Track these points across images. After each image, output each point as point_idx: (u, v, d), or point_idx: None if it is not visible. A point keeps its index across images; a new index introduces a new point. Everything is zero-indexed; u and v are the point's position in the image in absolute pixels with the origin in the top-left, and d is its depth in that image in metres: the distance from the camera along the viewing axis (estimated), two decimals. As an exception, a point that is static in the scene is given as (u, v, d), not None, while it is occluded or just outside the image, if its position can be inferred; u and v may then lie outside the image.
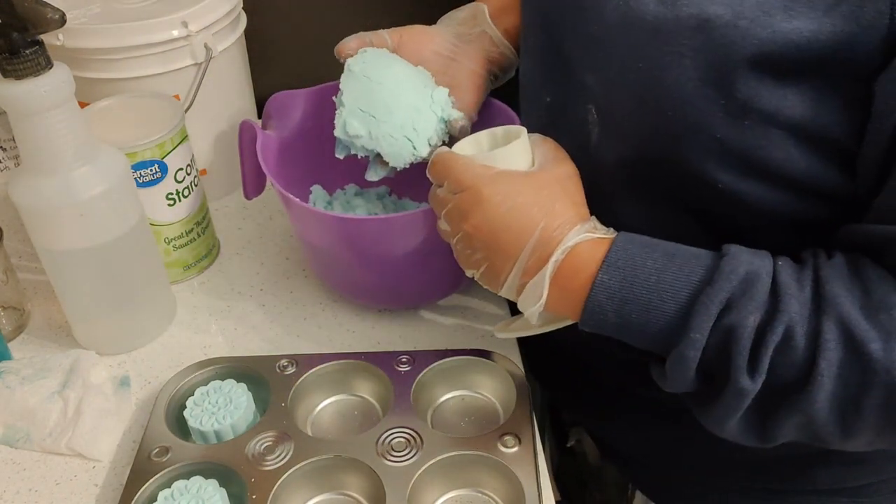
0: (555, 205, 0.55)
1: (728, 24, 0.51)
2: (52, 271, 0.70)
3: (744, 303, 0.50)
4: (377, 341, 0.75)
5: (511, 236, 0.55)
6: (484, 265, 0.58)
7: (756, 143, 0.53)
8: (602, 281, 0.53)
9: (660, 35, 0.54)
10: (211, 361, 0.69)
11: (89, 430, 0.66)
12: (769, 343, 0.49)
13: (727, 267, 0.51)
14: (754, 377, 0.50)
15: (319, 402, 0.69)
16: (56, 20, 0.59)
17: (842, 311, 0.49)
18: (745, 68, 0.51)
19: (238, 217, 0.91)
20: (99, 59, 0.81)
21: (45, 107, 0.61)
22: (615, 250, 0.53)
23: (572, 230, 0.55)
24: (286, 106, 0.79)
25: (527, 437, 0.62)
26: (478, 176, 0.57)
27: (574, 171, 0.59)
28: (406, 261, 0.72)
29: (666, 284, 0.52)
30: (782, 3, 0.50)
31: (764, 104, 0.52)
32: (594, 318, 0.54)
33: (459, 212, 0.57)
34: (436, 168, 0.60)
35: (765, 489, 0.71)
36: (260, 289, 0.82)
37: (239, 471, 0.60)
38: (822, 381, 0.48)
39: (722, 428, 0.54)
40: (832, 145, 0.53)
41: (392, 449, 0.61)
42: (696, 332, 0.50)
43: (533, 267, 0.55)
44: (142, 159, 0.74)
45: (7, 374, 0.69)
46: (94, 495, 0.63)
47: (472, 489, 0.62)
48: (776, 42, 0.50)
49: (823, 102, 0.52)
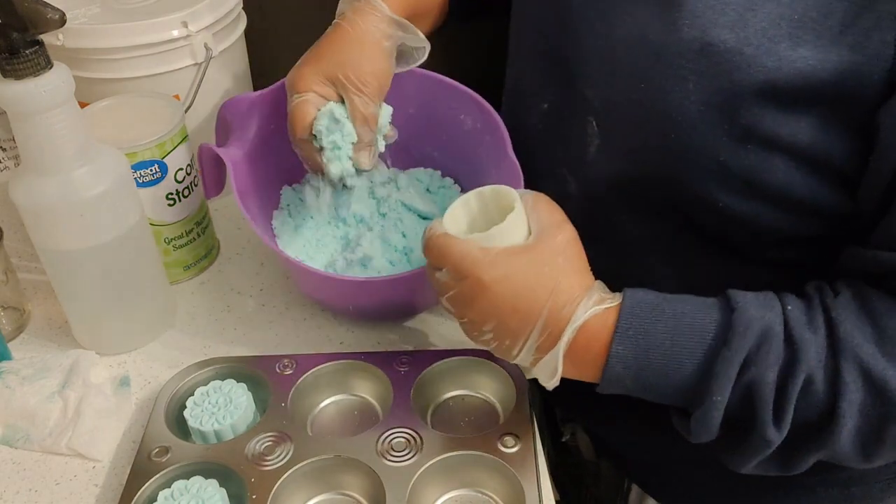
0: (559, 281, 0.54)
1: (732, 50, 0.51)
2: (52, 271, 0.70)
3: (761, 358, 0.50)
4: (377, 341, 0.75)
5: (518, 319, 0.54)
6: (494, 344, 0.57)
7: (758, 167, 0.54)
8: (617, 352, 0.53)
9: (663, 57, 0.53)
10: (211, 361, 0.69)
11: (89, 430, 0.66)
12: (791, 395, 0.50)
13: (740, 325, 0.51)
14: (780, 428, 0.50)
15: (319, 402, 0.69)
16: (56, 20, 0.59)
17: (858, 351, 0.49)
18: (750, 96, 0.51)
19: (238, 217, 0.91)
20: (99, 59, 0.81)
21: (45, 107, 0.60)
22: (624, 317, 0.53)
23: (580, 306, 0.53)
24: (242, 111, 0.77)
25: (527, 437, 0.62)
26: (477, 262, 0.54)
27: (573, 234, 0.57)
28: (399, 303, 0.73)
29: (680, 348, 0.52)
30: (788, 31, 0.50)
31: (767, 130, 0.52)
32: (612, 385, 0.55)
33: (463, 300, 0.56)
34: (433, 253, 0.57)
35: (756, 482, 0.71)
36: (260, 289, 0.82)
37: (239, 471, 0.60)
38: (845, 420, 0.49)
39: (745, 469, 0.55)
40: (834, 170, 0.53)
41: (392, 449, 0.61)
42: (718, 394, 0.50)
43: (545, 345, 0.54)
44: (142, 159, 0.73)
45: (7, 374, 0.69)
46: (94, 495, 0.63)
47: (472, 489, 0.62)
48: (782, 71, 0.50)
49: (827, 130, 0.52)
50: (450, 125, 0.80)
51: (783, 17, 0.50)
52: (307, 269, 0.71)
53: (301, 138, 0.69)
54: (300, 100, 0.68)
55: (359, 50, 0.69)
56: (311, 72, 0.69)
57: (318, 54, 0.70)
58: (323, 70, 0.68)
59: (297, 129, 0.69)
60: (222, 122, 0.77)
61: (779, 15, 0.50)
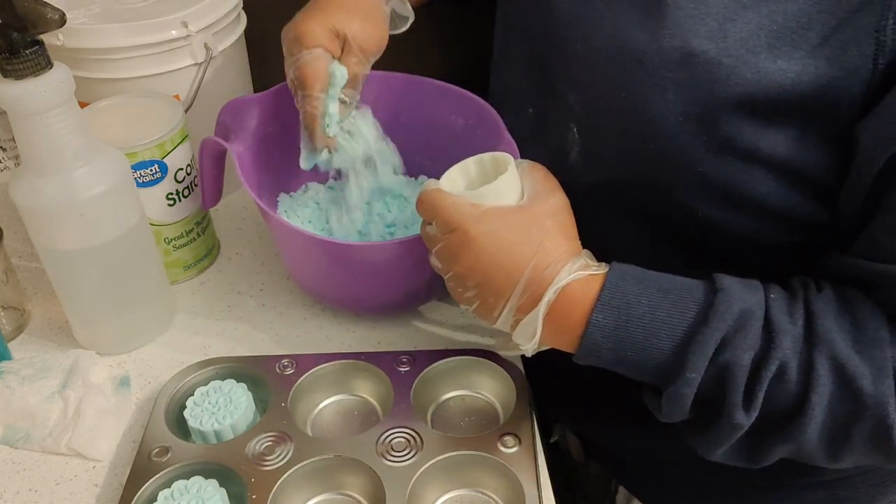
0: (545, 242, 0.54)
1: (712, 60, 0.51)
2: (52, 271, 0.70)
3: (738, 341, 0.50)
4: (377, 341, 0.75)
5: (501, 276, 0.54)
6: (476, 302, 0.57)
7: (737, 178, 0.54)
8: (597, 320, 0.52)
9: (643, 66, 0.53)
10: (211, 361, 0.69)
11: (89, 430, 0.66)
12: (763, 379, 0.50)
13: (721, 305, 0.51)
14: (749, 412, 0.50)
15: (319, 402, 0.69)
16: (56, 20, 0.59)
17: (834, 346, 0.49)
18: (730, 107, 0.51)
19: (238, 217, 0.91)
20: (99, 59, 0.80)
21: (45, 107, 0.60)
22: (608, 288, 0.53)
23: (564, 268, 0.53)
24: (242, 113, 0.77)
25: (527, 437, 0.62)
26: (466, 216, 0.55)
27: (565, 201, 0.58)
28: (395, 276, 0.72)
29: (661, 322, 0.51)
30: (766, 42, 0.50)
31: (746, 142, 0.52)
32: (589, 354, 0.54)
33: (450, 252, 0.56)
34: (424, 206, 0.58)
35: (744, 484, 0.71)
36: (260, 289, 0.82)
37: (239, 471, 0.60)
38: (814, 413, 0.49)
39: (712, 454, 0.54)
40: (812, 182, 0.53)
41: (392, 449, 0.61)
42: (693, 371, 0.50)
43: (525, 305, 0.54)
44: (142, 159, 0.74)
45: (7, 374, 0.69)
46: (94, 495, 0.63)
47: (472, 489, 0.62)
48: (761, 84, 0.50)
49: (805, 142, 0.52)
50: (443, 129, 0.80)
51: (762, 28, 0.50)
52: (314, 238, 0.70)
53: (318, 94, 0.68)
54: (311, 56, 0.67)
55: (364, 9, 0.69)
56: (318, 25, 0.67)
57: (322, 6, 0.68)
58: (330, 25, 0.68)
59: (316, 85, 0.68)
60: (222, 125, 0.77)
61: (758, 25, 0.50)
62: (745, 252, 0.58)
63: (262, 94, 0.77)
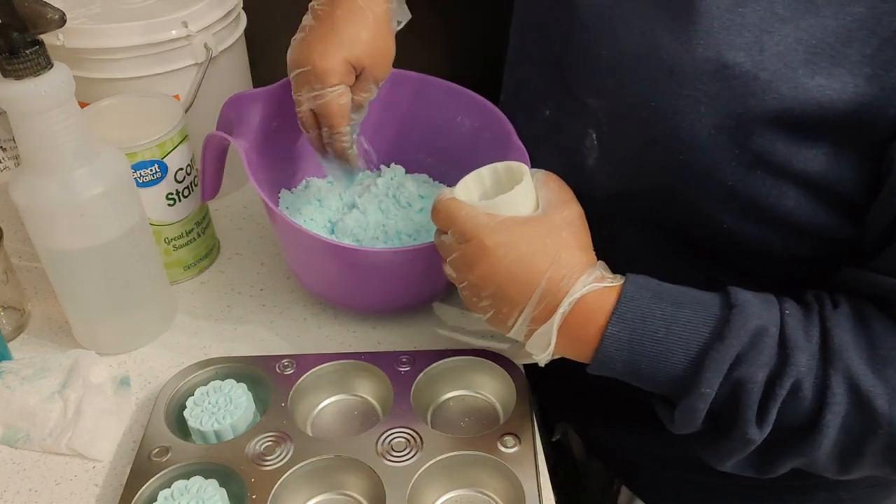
0: (560, 253, 0.54)
1: (748, 74, 0.50)
2: (52, 271, 0.70)
3: (753, 357, 0.50)
4: (377, 341, 0.75)
5: (517, 287, 0.54)
6: (491, 312, 0.56)
7: (766, 192, 0.53)
8: (612, 333, 0.52)
9: (675, 76, 0.53)
10: (211, 361, 0.69)
11: (89, 430, 0.66)
12: (778, 396, 0.49)
13: (737, 321, 0.50)
14: (762, 428, 0.50)
15: (319, 402, 0.69)
16: (56, 20, 0.59)
17: (849, 364, 0.49)
18: (764, 122, 0.50)
19: (238, 217, 0.91)
20: (99, 59, 0.80)
21: (45, 107, 0.60)
22: (624, 301, 0.52)
23: (579, 280, 0.53)
24: (245, 107, 0.77)
25: (527, 437, 0.62)
26: (481, 226, 0.55)
27: (579, 212, 0.57)
28: (404, 281, 0.72)
29: (676, 337, 0.51)
30: (804, 57, 0.49)
31: (779, 157, 0.51)
32: (603, 367, 0.54)
33: (465, 262, 0.56)
34: (439, 216, 0.57)
35: (746, 484, 0.71)
36: (260, 289, 0.82)
37: (239, 471, 0.60)
38: (827, 430, 0.49)
39: (722, 466, 0.54)
40: (842, 198, 0.53)
41: (392, 449, 0.61)
42: (707, 387, 0.50)
43: (540, 316, 0.54)
44: (142, 159, 0.73)
45: (7, 374, 0.69)
46: (94, 495, 0.63)
47: (472, 489, 0.62)
48: (798, 100, 0.49)
49: (838, 159, 0.51)
50: (448, 129, 0.80)
51: (800, 42, 0.49)
52: (324, 242, 0.70)
53: (345, 130, 0.70)
54: (335, 94, 0.68)
55: (374, 31, 0.69)
56: (340, 63, 0.68)
57: (338, 33, 0.68)
58: (350, 59, 0.68)
59: (343, 122, 0.70)
60: (224, 118, 0.77)
61: (796, 39, 0.49)
62: (763, 264, 0.57)
63: (266, 88, 0.77)
